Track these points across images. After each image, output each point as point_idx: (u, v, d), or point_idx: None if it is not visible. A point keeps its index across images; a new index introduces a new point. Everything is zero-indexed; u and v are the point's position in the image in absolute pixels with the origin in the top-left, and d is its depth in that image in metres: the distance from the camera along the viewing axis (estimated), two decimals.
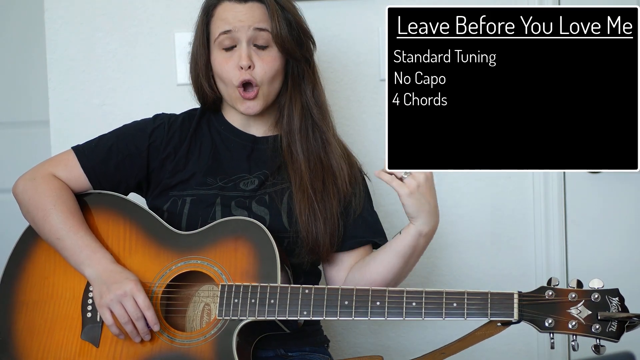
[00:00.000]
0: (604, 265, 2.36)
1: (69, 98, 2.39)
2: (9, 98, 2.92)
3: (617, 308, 1.62)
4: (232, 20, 1.90)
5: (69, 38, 2.38)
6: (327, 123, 1.98)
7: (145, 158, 1.95)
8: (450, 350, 1.79)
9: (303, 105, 1.96)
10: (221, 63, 1.92)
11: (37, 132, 2.78)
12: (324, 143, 1.96)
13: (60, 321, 1.85)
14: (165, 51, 2.37)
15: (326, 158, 1.95)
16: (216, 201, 1.91)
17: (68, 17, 2.38)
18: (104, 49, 2.38)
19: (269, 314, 1.75)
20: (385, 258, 1.87)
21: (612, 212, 2.38)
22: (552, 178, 2.35)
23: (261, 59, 1.91)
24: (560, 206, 2.36)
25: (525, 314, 1.66)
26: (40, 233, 1.89)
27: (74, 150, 1.96)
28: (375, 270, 1.88)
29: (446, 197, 2.38)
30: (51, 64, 2.39)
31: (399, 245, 1.84)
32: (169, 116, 2.02)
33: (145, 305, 1.77)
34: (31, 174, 1.94)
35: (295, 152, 1.95)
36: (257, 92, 1.91)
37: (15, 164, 2.33)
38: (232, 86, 1.92)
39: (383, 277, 1.87)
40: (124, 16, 2.37)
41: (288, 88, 1.97)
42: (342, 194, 1.94)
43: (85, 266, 1.82)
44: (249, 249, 1.81)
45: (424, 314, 1.70)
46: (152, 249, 1.86)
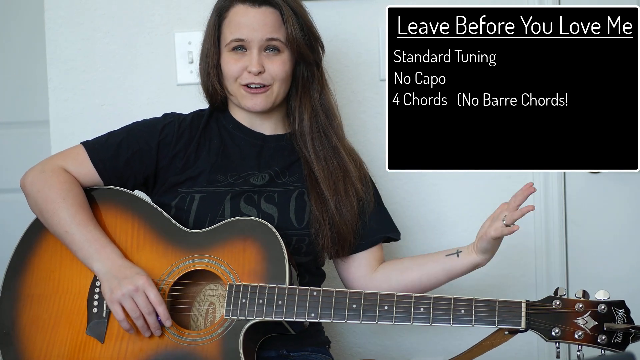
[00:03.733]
0: (604, 265, 2.35)
1: (69, 98, 2.39)
2: (9, 98, 2.92)
3: (623, 320, 1.63)
4: (246, 27, 1.91)
5: (69, 38, 2.38)
6: (334, 127, 1.99)
7: (154, 154, 1.96)
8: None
9: (313, 108, 1.98)
10: (230, 63, 1.93)
11: (37, 132, 2.78)
12: (332, 146, 1.97)
13: (65, 316, 1.85)
14: (165, 51, 2.37)
15: (338, 159, 1.96)
16: (225, 199, 1.91)
17: (68, 17, 2.38)
18: (104, 49, 2.38)
19: (277, 315, 1.75)
20: (432, 272, 1.91)
21: (612, 212, 2.38)
22: (552, 178, 2.35)
23: (272, 62, 1.92)
24: (560, 206, 2.35)
25: (532, 323, 1.67)
26: (48, 226, 1.89)
27: (84, 145, 1.97)
28: (417, 278, 1.92)
29: (446, 197, 2.38)
30: (51, 64, 2.39)
31: (454, 268, 1.89)
32: (178, 115, 2.03)
33: (157, 301, 1.77)
34: (40, 166, 1.94)
35: (307, 152, 1.96)
36: (268, 89, 1.93)
37: (16, 164, 2.33)
38: (237, 84, 1.93)
39: (423, 287, 1.92)
40: (124, 16, 2.37)
41: (298, 91, 1.98)
42: (358, 194, 1.95)
43: (93, 260, 1.82)
44: (257, 250, 1.81)
45: (431, 320, 1.70)
46: (160, 246, 1.87)
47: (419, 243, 2.38)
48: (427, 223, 2.38)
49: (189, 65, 2.34)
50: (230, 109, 2.03)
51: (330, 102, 2.00)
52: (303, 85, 1.98)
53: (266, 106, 1.94)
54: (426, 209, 2.38)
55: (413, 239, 2.38)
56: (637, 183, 2.36)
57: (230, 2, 1.94)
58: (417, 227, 2.38)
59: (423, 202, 2.38)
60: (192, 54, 2.33)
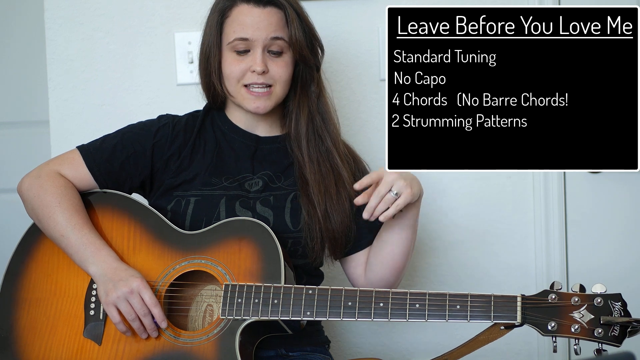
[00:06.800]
0: (604, 265, 2.36)
1: (69, 98, 2.39)
2: (9, 98, 2.92)
3: (620, 313, 1.63)
4: (250, 27, 1.90)
5: (69, 38, 2.38)
6: (329, 130, 1.98)
7: (149, 157, 1.96)
8: (453, 356, 1.79)
9: (310, 110, 1.97)
10: (232, 64, 1.93)
11: (37, 132, 2.78)
12: (326, 149, 1.97)
13: (62, 319, 1.85)
14: (165, 51, 2.37)
15: (331, 163, 1.96)
16: (221, 201, 1.91)
17: (68, 17, 2.38)
18: (104, 49, 2.38)
19: (272, 314, 1.75)
20: (387, 232, 1.89)
21: (612, 212, 2.38)
22: (552, 178, 2.35)
23: (275, 63, 1.92)
24: (560, 206, 2.36)
25: (528, 317, 1.66)
26: (45, 230, 1.90)
27: (79, 150, 1.97)
28: (388, 251, 1.90)
29: (446, 197, 2.38)
30: (51, 64, 2.39)
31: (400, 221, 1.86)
32: (173, 116, 2.02)
33: (152, 302, 1.77)
34: (36, 172, 1.94)
35: (302, 156, 1.96)
36: (271, 91, 1.92)
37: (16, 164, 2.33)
38: (239, 85, 1.93)
39: (400, 252, 1.89)
40: (124, 16, 2.37)
41: (297, 92, 1.98)
42: (351, 198, 1.94)
43: (89, 264, 1.83)
44: (253, 250, 1.81)
45: (427, 316, 1.70)
46: (156, 248, 1.87)
47: (419, 243, 2.38)
48: (427, 223, 2.38)
49: (189, 65, 2.34)
50: (228, 109, 2.03)
51: (327, 106, 2.00)
52: (302, 87, 1.98)
53: (268, 108, 1.94)
54: (426, 208, 2.38)
55: None
56: (637, 183, 2.36)
57: (234, 1, 1.93)
58: None
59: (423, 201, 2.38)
60: (192, 54, 2.33)
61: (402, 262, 1.91)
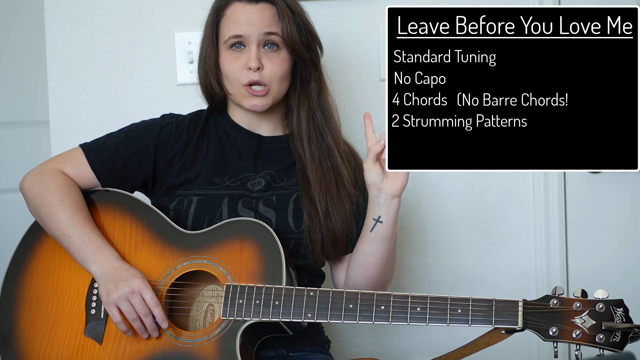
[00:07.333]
0: (604, 265, 2.36)
1: (69, 98, 2.39)
2: (9, 98, 2.92)
3: (622, 319, 1.62)
4: (244, 23, 1.91)
5: (69, 38, 2.38)
6: (330, 128, 1.98)
7: (152, 156, 1.96)
8: (453, 357, 1.79)
9: (310, 107, 1.97)
10: (229, 62, 1.93)
11: (37, 132, 2.78)
12: (327, 146, 1.97)
13: (63, 317, 1.85)
14: (165, 51, 2.37)
15: (331, 161, 1.96)
16: (223, 201, 1.91)
17: (68, 17, 2.38)
18: (104, 49, 2.38)
19: (273, 315, 1.75)
20: (364, 240, 1.88)
21: (612, 212, 2.38)
22: (552, 178, 2.35)
23: (271, 60, 1.92)
24: (560, 206, 2.36)
25: (529, 322, 1.66)
26: (47, 228, 1.89)
27: (81, 148, 1.97)
28: (363, 256, 1.89)
29: (446, 197, 2.38)
30: (51, 64, 2.39)
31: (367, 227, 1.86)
32: (176, 116, 2.02)
33: (153, 303, 1.77)
34: (39, 169, 1.94)
35: (303, 153, 1.96)
36: (267, 90, 1.92)
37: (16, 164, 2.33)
38: (239, 84, 1.93)
39: (374, 262, 1.89)
40: (124, 16, 2.37)
41: (296, 89, 1.98)
42: (351, 197, 1.94)
43: (91, 263, 1.83)
44: (254, 250, 1.81)
45: (428, 320, 1.69)
46: (157, 247, 1.87)
47: (419, 243, 2.38)
48: (426, 223, 2.38)
49: (189, 65, 2.35)
50: (229, 109, 2.03)
51: (328, 103, 2.00)
52: (301, 84, 1.98)
53: (265, 106, 1.94)
54: (426, 209, 2.38)
55: (412, 239, 2.38)
56: (637, 183, 2.36)
57: (228, 0, 1.94)
58: (416, 227, 2.38)
59: (423, 202, 2.38)
60: (192, 54, 2.33)
61: (376, 274, 1.90)
